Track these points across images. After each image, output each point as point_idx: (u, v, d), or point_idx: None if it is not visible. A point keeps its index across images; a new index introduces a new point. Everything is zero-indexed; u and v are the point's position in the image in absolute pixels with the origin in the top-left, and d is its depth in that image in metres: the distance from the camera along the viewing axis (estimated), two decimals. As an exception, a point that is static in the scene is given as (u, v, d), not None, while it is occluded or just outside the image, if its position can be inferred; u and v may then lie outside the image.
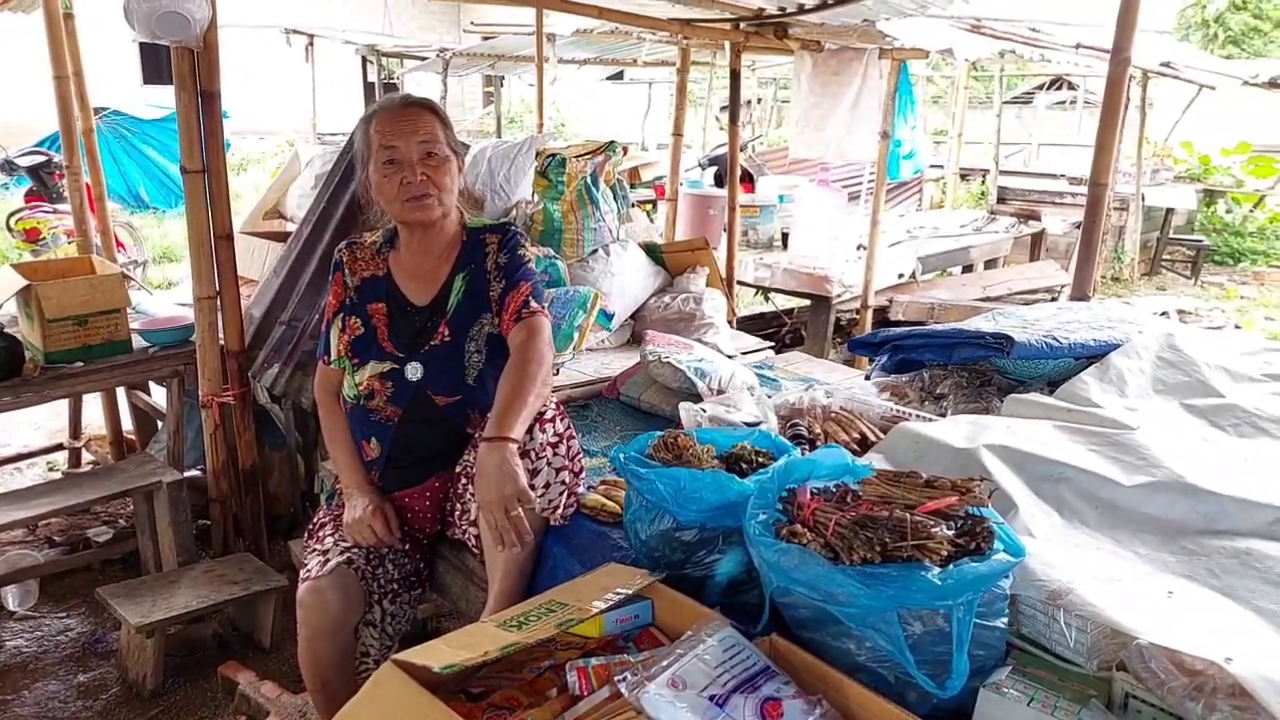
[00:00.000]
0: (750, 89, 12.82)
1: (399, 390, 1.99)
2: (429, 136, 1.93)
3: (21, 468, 4.06)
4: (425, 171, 1.92)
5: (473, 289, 2.02)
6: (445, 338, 2.00)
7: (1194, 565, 1.58)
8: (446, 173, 1.96)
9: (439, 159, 1.94)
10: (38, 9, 3.64)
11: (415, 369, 1.98)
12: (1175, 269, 9.57)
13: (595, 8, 4.27)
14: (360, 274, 2.09)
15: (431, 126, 1.94)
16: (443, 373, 1.98)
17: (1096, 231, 2.99)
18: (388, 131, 1.94)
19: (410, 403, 1.99)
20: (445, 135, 1.97)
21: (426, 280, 2.04)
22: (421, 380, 1.98)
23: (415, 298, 2.04)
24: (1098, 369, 2.25)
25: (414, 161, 1.92)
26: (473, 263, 2.03)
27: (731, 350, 3.48)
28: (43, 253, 6.06)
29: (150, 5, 2.43)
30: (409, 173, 1.92)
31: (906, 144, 5.43)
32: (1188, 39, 16.70)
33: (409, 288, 2.05)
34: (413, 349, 2.00)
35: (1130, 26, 2.76)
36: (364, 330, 2.04)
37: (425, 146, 1.93)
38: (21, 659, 2.75)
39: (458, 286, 2.02)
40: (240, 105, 9.61)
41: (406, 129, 1.93)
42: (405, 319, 2.03)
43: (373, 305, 2.05)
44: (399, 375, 1.99)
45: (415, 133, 1.93)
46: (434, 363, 1.98)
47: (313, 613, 1.86)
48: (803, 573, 1.35)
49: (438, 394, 1.99)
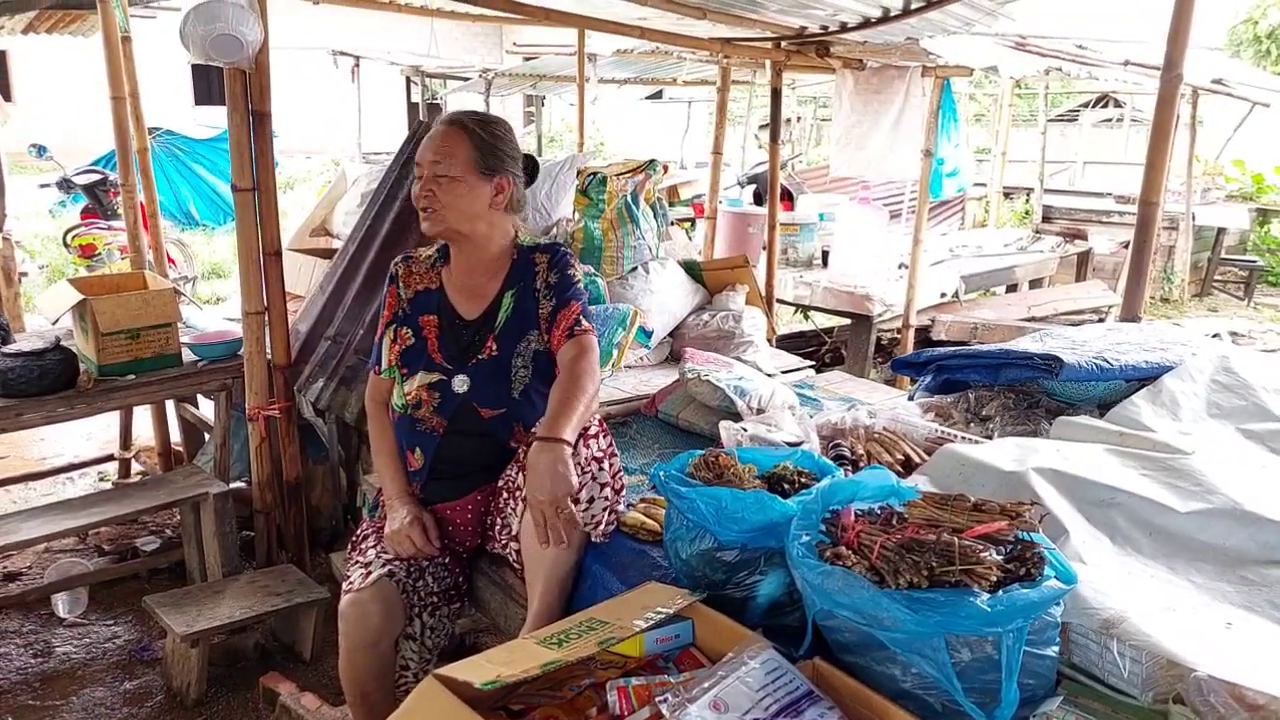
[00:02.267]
0: (790, 107, 12.81)
1: (445, 401, 2.02)
2: (442, 155, 1.98)
3: (73, 477, 4.16)
4: (431, 187, 1.97)
5: (521, 306, 2.05)
6: (493, 352, 2.02)
7: (1253, 596, 1.53)
8: (452, 190, 1.97)
9: (447, 177, 1.97)
10: (97, 32, 3.76)
11: (463, 381, 2.01)
12: (1227, 290, 9.35)
13: (637, 28, 4.30)
14: (414, 287, 2.12)
15: (452, 145, 1.98)
16: (489, 386, 2.01)
17: (1147, 251, 2.92)
18: (422, 147, 2.02)
19: (455, 414, 2.02)
20: (470, 155, 1.98)
21: (476, 295, 2.08)
22: (468, 393, 2.01)
23: (465, 312, 2.08)
24: (1150, 392, 2.19)
25: (426, 177, 1.98)
26: (522, 280, 2.06)
27: (771, 369, 3.46)
28: (97, 268, 6.22)
29: (206, 28, 2.49)
30: (421, 186, 1.99)
31: (949, 162, 5.37)
32: (1239, 55, 16.36)
33: (459, 302, 2.09)
34: (461, 362, 2.03)
35: (1182, 42, 2.70)
36: (414, 341, 2.08)
37: (438, 166, 1.97)
38: (70, 665, 2.80)
39: (506, 303, 2.05)
40: (288, 125, 9.82)
41: (430, 146, 1.99)
42: (455, 332, 2.06)
43: (424, 317, 2.08)
44: (446, 386, 2.02)
45: (434, 150, 1.99)
46: (481, 376, 2.01)
47: (354, 624, 1.88)
48: (847, 596, 1.33)
49: (483, 406, 2.01)
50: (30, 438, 4.51)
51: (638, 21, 4.26)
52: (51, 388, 2.77)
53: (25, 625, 3.00)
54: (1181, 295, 8.80)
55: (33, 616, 3.04)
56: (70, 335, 3.09)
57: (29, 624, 3.00)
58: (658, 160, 3.93)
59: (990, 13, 3.82)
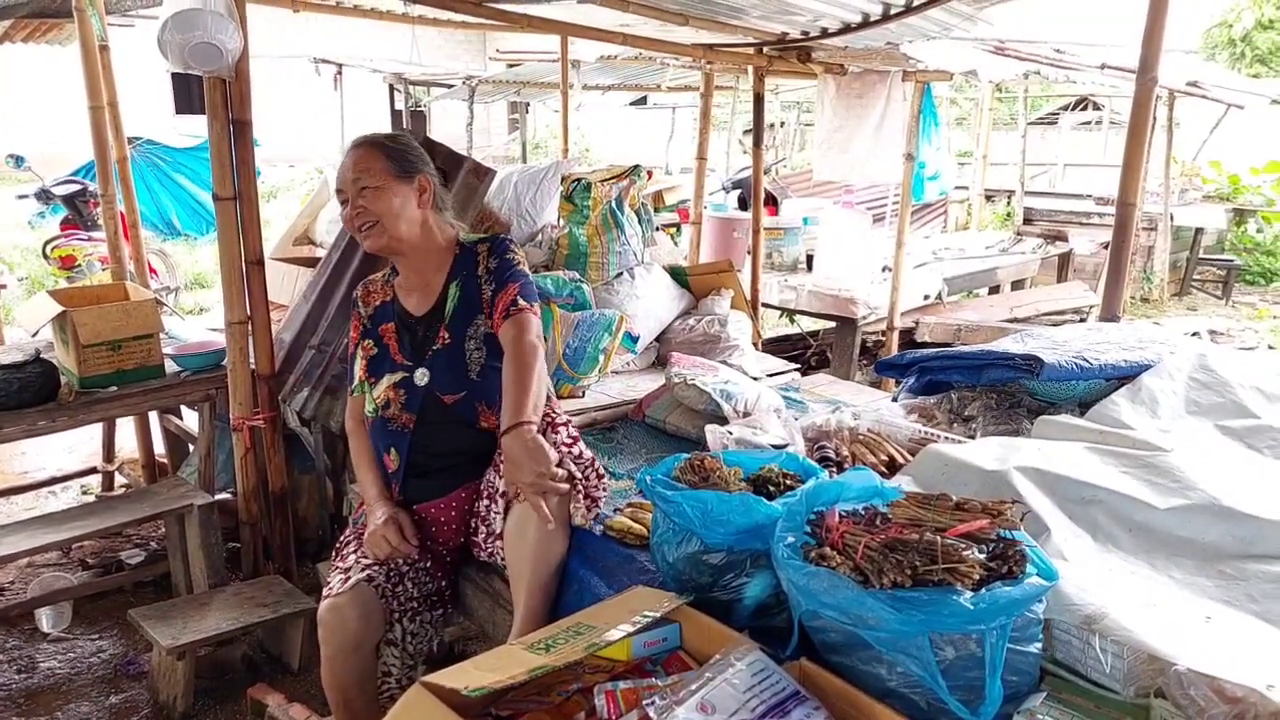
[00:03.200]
0: (774, 112, 12.86)
1: (411, 396, 2.09)
2: (360, 170, 2.05)
3: (56, 491, 4.12)
4: (360, 203, 2.04)
5: (466, 294, 2.12)
6: (446, 341, 2.10)
7: (1232, 590, 1.55)
8: (380, 199, 2.04)
9: (374, 188, 2.04)
10: (74, 41, 3.74)
11: (423, 374, 2.09)
12: (1206, 289, 9.45)
13: (620, 34, 4.31)
14: (371, 304, 2.24)
15: (367, 161, 2.06)
16: (446, 372, 2.08)
17: (1125, 251, 2.96)
18: (339, 175, 2.10)
19: (422, 406, 2.08)
20: (385, 164, 2.05)
21: (425, 293, 2.16)
22: (429, 384, 2.08)
23: (415, 309, 2.16)
24: (1129, 390, 2.22)
25: (352, 196, 2.04)
26: (465, 270, 2.14)
27: (757, 372, 3.48)
28: (78, 279, 6.17)
29: (184, 36, 2.48)
30: (350, 207, 2.06)
31: (931, 165, 5.41)
32: (1214, 58, 16.55)
33: (409, 302, 2.18)
34: (419, 356, 2.11)
35: (1157, 45, 2.74)
36: (378, 350, 2.17)
37: (359, 181, 2.04)
38: (55, 680, 2.78)
39: (453, 293, 2.13)
40: (270, 134, 9.76)
41: (347, 167, 2.06)
42: (409, 331, 2.15)
43: (383, 326, 2.19)
44: (409, 383, 2.10)
45: (352, 169, 2.05)
46: (438, 365, 2.09)
47: (333, 630, 1.91)
48: (832, 596, 1.34)
49: (444, 393, 2.07)
50: (11, 451, 4.46)
51: (620, 28, 4.27)
52: (32, 401, 2.75)
53: (9, 641, 2.97)
54: (1161, 295, 8.89)
55: (16, 632, 3.01)
56: (50, 347, 3.06)
57: (12, 639, 2.97)
58: (642, 166, 3.94)
59: (968, 17, 3.86)
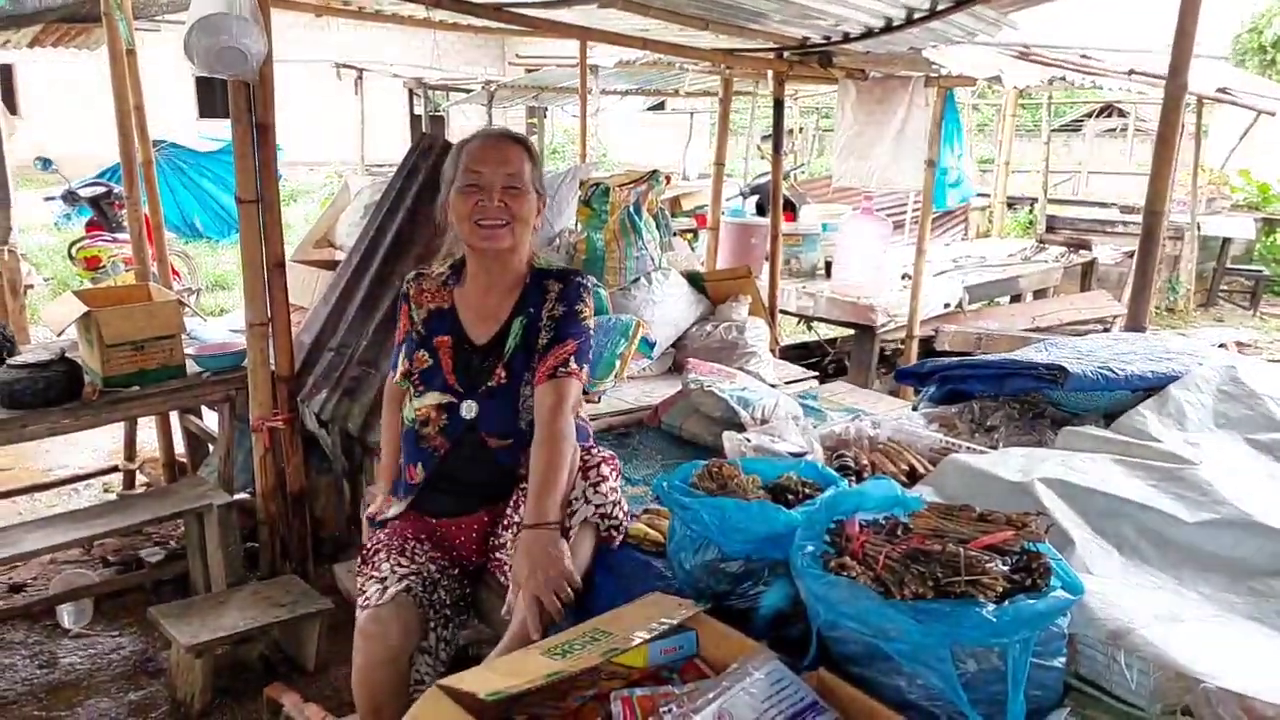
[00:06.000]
0: (792, 118, 12.84)
1: (452, 424, 2.02)
2: (515, 169, 1.97)
3: (78, 489, 4.16)
4: (504, 199, 1.95)
5: (528, 335, 2.04)
6: (502, 380, 2.02)
7: (1262, 607, 1.52)
8: (525, 204, 1.98)
9: (520, 190, 1.97)
10: (102, 46, 3.78)
11: (470, 407, 2.01)
12: (1233, 300, 9.32)
13: (640, 39, 4.31)
14: (426, 306, 2.12)
15: (520, 160, 1.98)
16: (496, 414, 2.01)
17: (1152, 260, 2.92)
18: (477, 157, 1.98)
19: (460, 438, 2.02)
20: (531, 172, 2.00)
21: (488, 318, 2.07)
22: (475, 419, 2.01)
23: (476, 335, 2.07)
24: (1156, 402, 2.19)
25: (496, 189, 1.95)
26: (531, 307, 2.05)
27: (774, 379, 3.46)
28: (102, 280, 6.23)
29: (210, 41, 2.50)
30: (486, 198, 1.95)
31: (952, 172, 5.38)
32: (1243, 64, 16.37)
33: (471, 324, 2.08)
34: (471, 387, 2.03)
35: (1187, 48, 2.70)
36: (431, 363, 2.07)
37: (510, 178, 1.96)
38: (75, 676, 2.80)
39: (515, 329, 2.04)
40: (292, 138, 9.87)
41: (495, 157, 1.97)
42: (465, 357, 2.06)
43: (439, 339, 2.07)
44: (454, 410, 2.02)
45: (503, 163, 1.97)
46: (489, 403, 2.01)
47: (374, 641, 1.84)
48: (852, 606, 1.32)
49: (490, 434, 2.01)
50: (35, 449, 4.51)
51: (640, 33, 4.27)
52: (56, 399, 2.78)
53: (30, 636, 2.99)
54: (1187, 305, 8.78)
55: (38, 628, 3.04)
56: (75, 347, 3.10)
57: (34, 635, 3.00)
58: (660, 171, 3.94)
59: (994, 22, 3.83)
